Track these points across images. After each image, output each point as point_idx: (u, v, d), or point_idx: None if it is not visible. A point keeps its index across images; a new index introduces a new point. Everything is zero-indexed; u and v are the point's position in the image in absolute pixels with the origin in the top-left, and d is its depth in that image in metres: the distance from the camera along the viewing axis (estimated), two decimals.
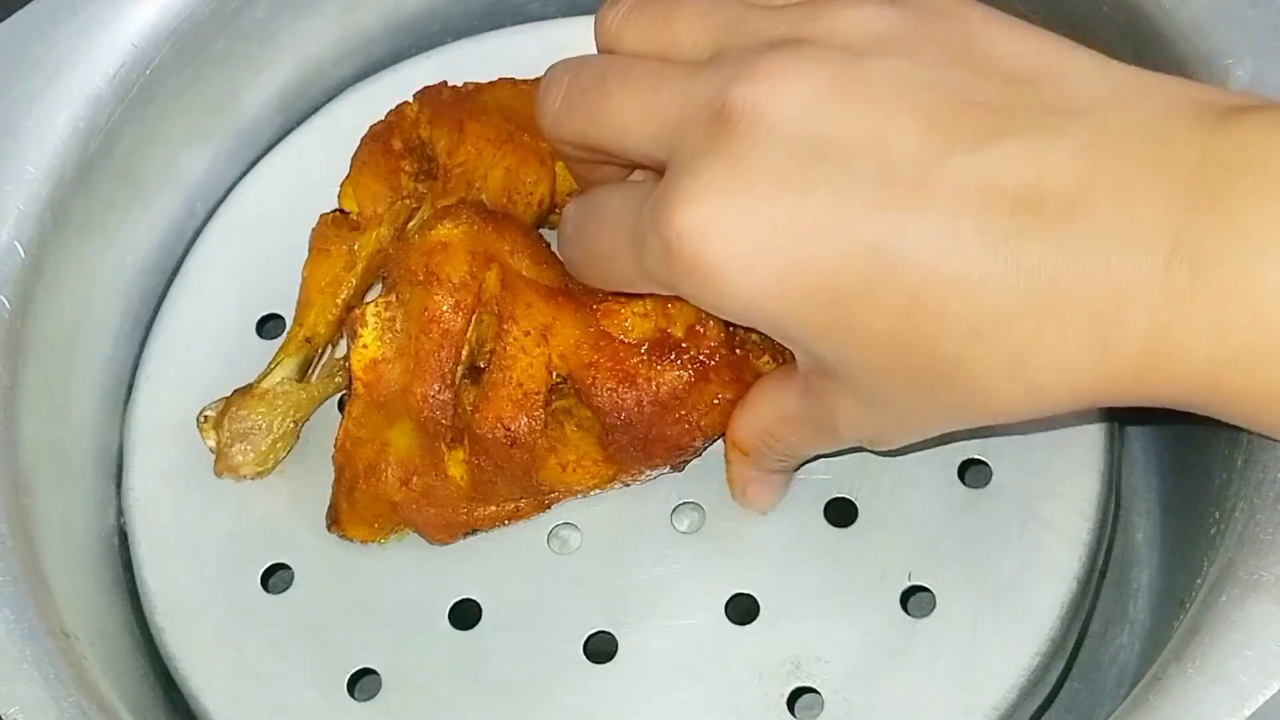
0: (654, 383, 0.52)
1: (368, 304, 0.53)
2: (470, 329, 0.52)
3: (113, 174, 0.59)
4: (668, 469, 0.56)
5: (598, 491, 0.56)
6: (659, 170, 0.45)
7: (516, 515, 0.56)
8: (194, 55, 0.61)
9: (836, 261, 0.40)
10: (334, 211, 0.59)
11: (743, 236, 0.40)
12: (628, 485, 0.56)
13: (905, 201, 0.40)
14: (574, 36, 0.66)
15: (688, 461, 0.56)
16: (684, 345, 0.53)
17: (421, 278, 0.52)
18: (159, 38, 0.59)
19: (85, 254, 0.59)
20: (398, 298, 0.53)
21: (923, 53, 0.42)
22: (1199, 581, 0.50)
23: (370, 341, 0.53)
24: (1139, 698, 0.47)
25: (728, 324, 0.53)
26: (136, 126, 0.60)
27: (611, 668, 0.53)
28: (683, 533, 0.56)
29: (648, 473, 0.55)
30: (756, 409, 0.51)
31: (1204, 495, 0.56)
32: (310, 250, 0.58)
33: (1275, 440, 0.47)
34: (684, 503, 0.56)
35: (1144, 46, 0.56)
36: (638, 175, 0.52)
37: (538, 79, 0.60)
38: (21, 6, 0.57)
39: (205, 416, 0.57)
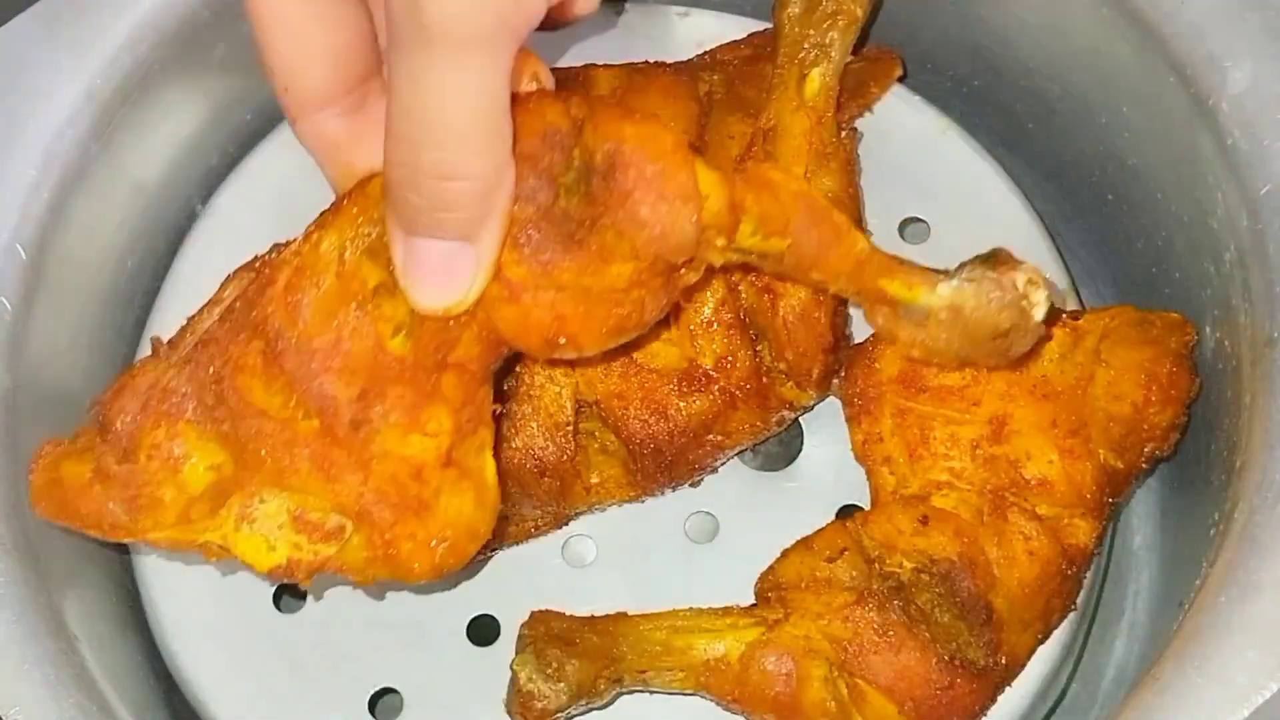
0: (685, 414, 0.52)
1: None
2: None
3: (113, 174, 0.59)
4: (686, 485, 0.56)
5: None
6: None
7: (536, 532, 0.55)
8: (194, 58, 0.61)
9: None
10: None
11: None
12: (643, 502, 0.56)
13: None
14: (571, 35, 0.67)
15: (703, 478, 0.56)
16: (714, 375, 0.52)
17: None
18: (159, 41, 0.59)
19: (87, 255, 0.59)
20: None
21: None
22: (1198, 583, 0.50)
23: None
24: (1139, 698, 0.47)
25: (754, 352, 0.53)
26: (136, 128, 0.60)
27: None
28: (696, 542, 0.56)
29: (667, 489, 0.55)
30: None
31: (1203, 497, 0.56)
32: None
33: None
34: (697, 512, 0.56)
35: (1144, 49, 0.56)
36: None
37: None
38: (23, 9, 0.57)
39: None
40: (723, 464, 0.56)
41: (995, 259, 0.46)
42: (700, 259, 0.44)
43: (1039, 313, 0.45)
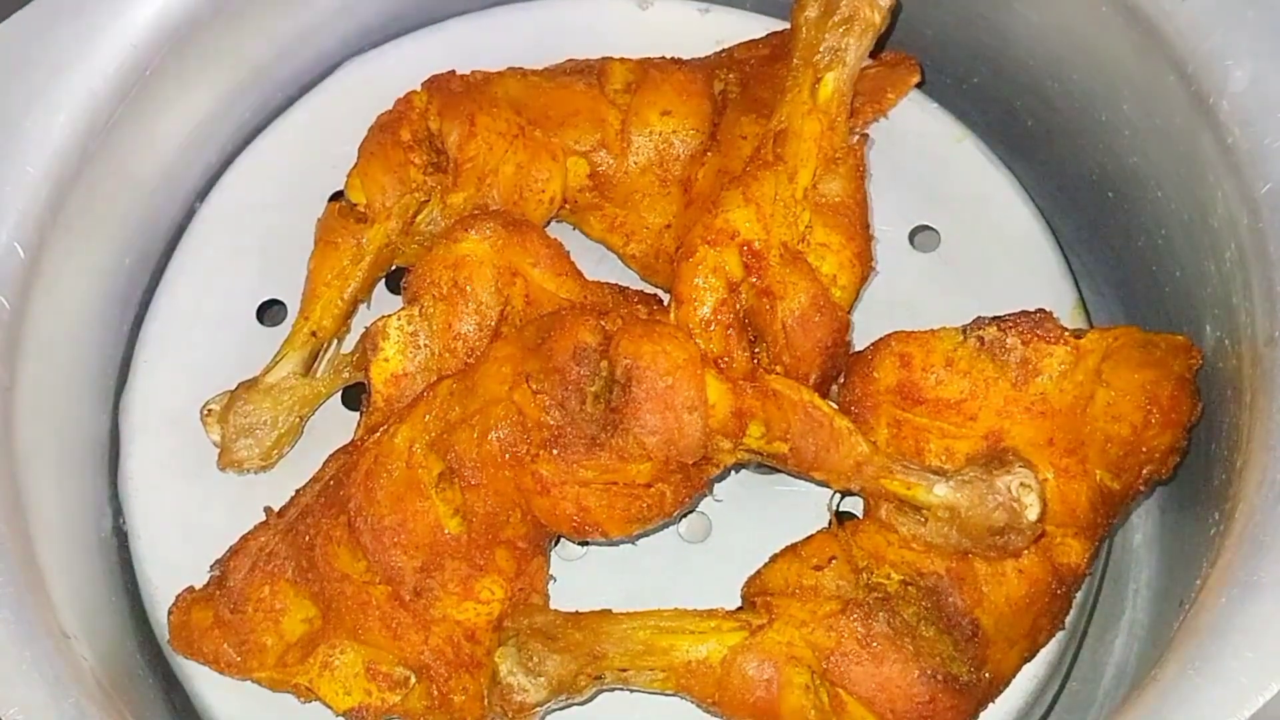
0: None
1: (389, 316, 0.53)
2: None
3: (113, 174, 0.59)
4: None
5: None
6: None
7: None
8: (194, 56, 0.61)
9: None
10: (341, 202, 0.58)
11: None
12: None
13: None
14: (575, 16, 0.66)
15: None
16: None
17: (446, 291, 0.52)
18: (159, 39, 0.59)
19: (85, 254, 0.59)
20: (420, 311, 0.53)
21: None
22: (1198, 582, 0.50)
23: (392, 355, 0.53)
24: (1139, 698, 0.47)
25: (752, 354, 0.52)
26: (136, 126, 0.60)
27: None
28: (689, 542, 0.56)
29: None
30: None
31: (1203, 497, 0.56)
32: (316, 242, 0.58)
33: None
34: (689, 511, 0.56)
35: (1144, 48, 0.56)
36: None
37: (545, 69, 0.61)
38: (22, 7, 0.57)
39: (209, 410, 0.56)
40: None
41: (998, 459, 0.50)
42: (714, 458, 0.49)
43: (1031, 514, 0.49)
